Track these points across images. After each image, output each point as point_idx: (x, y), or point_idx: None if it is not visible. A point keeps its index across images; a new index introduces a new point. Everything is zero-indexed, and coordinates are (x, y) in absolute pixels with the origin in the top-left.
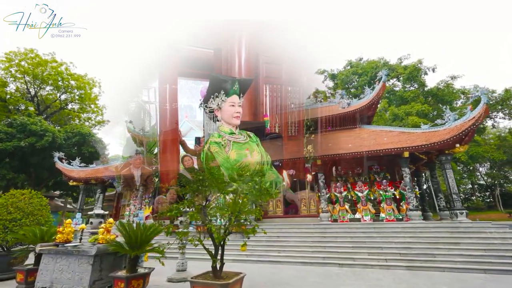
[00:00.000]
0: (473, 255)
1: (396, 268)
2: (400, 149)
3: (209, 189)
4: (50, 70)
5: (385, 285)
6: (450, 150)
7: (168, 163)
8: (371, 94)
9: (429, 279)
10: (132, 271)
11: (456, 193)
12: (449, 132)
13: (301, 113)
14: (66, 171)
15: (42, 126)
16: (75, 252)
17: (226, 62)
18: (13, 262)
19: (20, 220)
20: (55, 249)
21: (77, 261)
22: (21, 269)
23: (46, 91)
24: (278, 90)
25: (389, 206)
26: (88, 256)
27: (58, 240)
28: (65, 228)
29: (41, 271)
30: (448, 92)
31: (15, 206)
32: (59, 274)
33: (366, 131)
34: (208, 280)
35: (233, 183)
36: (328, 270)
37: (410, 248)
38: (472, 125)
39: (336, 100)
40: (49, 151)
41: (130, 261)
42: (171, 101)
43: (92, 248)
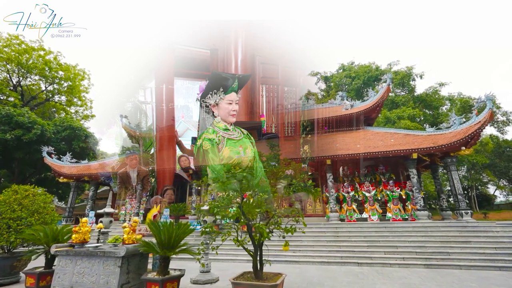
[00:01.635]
0: (486, 253)
1: (415, 266)
2: (408, 150)
3: (251, 187)
4: (36, 58)
5: (416, 283)
6: (456, 153)
7: (165, 163)
8: (375, 97)
9: (454, 277)
10: (164, 273)
11: (461, 193)
12: (456, 136)
13: (297, 113)
14: (56, 167)
15: (30, 118)
16: (100, 253)
17: (223, 62)
18: (16, 265)
19: (25, 219)
20: (75, 250)
21: (101, 263)
22: (32, 273)
23: (31, 80)
24: (274, 90)
25: (396, 206)
26: (115, 258)
27: (75, 240)
28: (81, 227)
29: (58, 275)
30: (435, 99)
31: (19, 204)
32: (80, 277)
33: (371, 133)
34: (253, 281)
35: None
36: (350, 269)
37: (425, 246)
38: (478, 129)
39: (336, 102)
40: (37, 145)
41: (162, 263)
42: (168, 101)
43: (121, 249)
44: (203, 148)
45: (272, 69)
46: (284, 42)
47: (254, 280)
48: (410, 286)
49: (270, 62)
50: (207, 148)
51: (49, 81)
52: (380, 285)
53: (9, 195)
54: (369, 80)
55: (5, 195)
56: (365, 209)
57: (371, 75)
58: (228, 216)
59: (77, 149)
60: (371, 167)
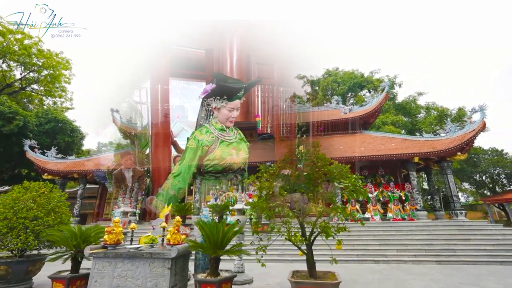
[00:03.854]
0: (486, 250)
1: (427, 263)
2: (411, 154)
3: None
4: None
5: (441, 278)
6: (451, 158)
7: (160, 162)
8: (374, 102)
9: (469, 273)
10: (215, 273)
11: (456, 195)
12: (452, 142)
13: (293, 115)
14: (40, 163)
15: (11, 107)
16: (146, 255)
17: (218, 62)
18: (30, 269)
19: (42, 218)
20: (116, 252)
21: (147, 265)
22: (60, 277)
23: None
24: (270, 90)
25: (396, 206)
26: (164, 259)
27: (109, 241)
28: (114, 227)
29: (94, 278)
30: (412, 107)
31: (33, 202)
32: (122, 281)
33: (370, 137)
34: (317, 280)
35: None
36: (370, 267)
37: (431, 244)
38: (473, 136)
39: (332, 105)
40: (16, 138)
41: (214, 263)
42: (163, 102)
43: (172, 250)
44: (188, 145)
45: (267, 69)
46: (279, 42)
47: (316, 279)
48: (440, 281)
49: (265, 63)
50: (191, 147)
51: (27, 68)
52: (412, 281)
53: (22, 192)
54: (354, 86)
55: (15, 192)
56: (368, 209)
57: (356, 81)
58: (270, 215)
59: (62, 144)
60: (372, 169)
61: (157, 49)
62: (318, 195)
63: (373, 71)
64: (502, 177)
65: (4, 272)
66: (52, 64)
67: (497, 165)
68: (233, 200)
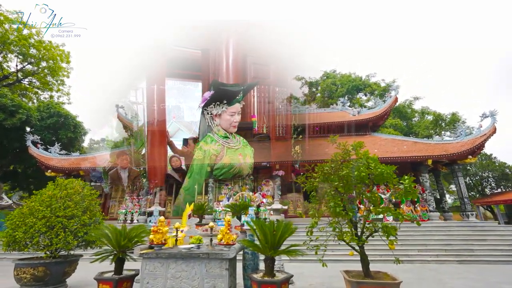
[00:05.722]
0: (503, 249)
1: (450, 262)
2: (425, 157)
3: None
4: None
5: (476, 278)
6: (462, 161)
7: (156, 163)
8: (384, 105)
9: (496, 272)
10: (272, 274)
11: (467, 197)
12: (464, 145)
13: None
14: (43, 159)
15: (14, 101)
16: (202, 255)
17: (214, 62)
18: (67, 271)
19: (79, 217)
20: (168, 252)
21: (203, 265)
22: (107, 279)
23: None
24: (266, 90)
25: (409, 207)
26: (222, 260)
27: (155, 241)
28: (160, 227)
29: (146, 280)
30: (407, 111)
31: (70, 199)
32: (177, 282)
33: (380, 139)
34: (380, 280)
35: None
36: (397, 266)
37: (450, 244)
38: (484, 140)
39: (338, 107)
40: (16, 133)
41: (270, 263)
42: (159, 102)
43: (230, 250)
44: (195, 156)
45: (263, 69)
46: (276, 42)
47: (373, 279)
48: (478, 280)
49: (262, 63)
50: (198, 158)
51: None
52: (449, 281)
53: (59, 189)
54: (352, 89)
55: (49, 189)
56: None
57: (354, 84)
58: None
59: (64, 140)
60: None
61: (153, 49)
62: (363, 196)
63: (370, 75)
64: (491, 180)
65: (42, 274)
66: (52, 56)
67: (487, 169)
68: (247, 199)
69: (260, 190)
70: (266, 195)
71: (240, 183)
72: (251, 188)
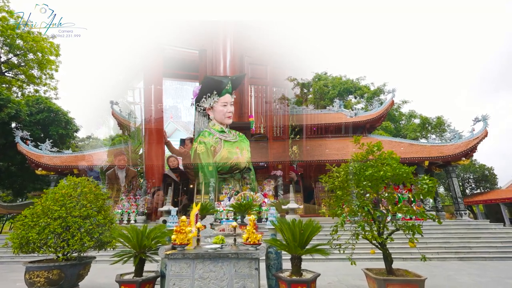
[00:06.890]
0: (497, 246)
1: (451, 259)
2: (422, 158)
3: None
4: None
5: (481, 273)
6: (456, 162)
7: (153, 163)
8: (380, 108)
9: (495, 268)
10: (299, 273)
11: (461, 197)
12: (458, 148)
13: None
14: (33, 156)
15: (2, 93)
16: (231, 255)
17: (211, 62)
18: (81, 273)
19: (94, 217)
20: (195, 253)
21: (232, 265)
22: (130, 281)
23: None
24: (263, 90)
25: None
26: (251, 260)
27: (178, 241)
28: (182, 227)
29: (172, 281)
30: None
31: (85, 198)
32: (205, 283)
33: (376, 140)
34: (405, 277)
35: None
36: (402, 264)
37: (448, 242)
38: (477, 143)
39: (334, 109)
40: (3, 128)
41: (298, 263)
42: (156, 102)
43: (259, 249)
44: (197, 151)
45: (260, 69)
46: (273, 43)
47: (398, 276)
48: (483, 276)
49: (258, 63)
50: (201, 152)
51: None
52: (457, 276)
53: (72, 188)
54: (344, 91)
55: (66, 187)
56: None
57: (346, 87)
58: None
59: (55, 136)
60: None
61: (150, 49)
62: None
63: (360, 78)
64: (471, 181)
65: (57, 277)
66: (41, 48)
67: (468, 170)
68: (249, 199)
69: (261, 190)
70: (267, 195)
71: (240, 183)
72: (252, 188)
